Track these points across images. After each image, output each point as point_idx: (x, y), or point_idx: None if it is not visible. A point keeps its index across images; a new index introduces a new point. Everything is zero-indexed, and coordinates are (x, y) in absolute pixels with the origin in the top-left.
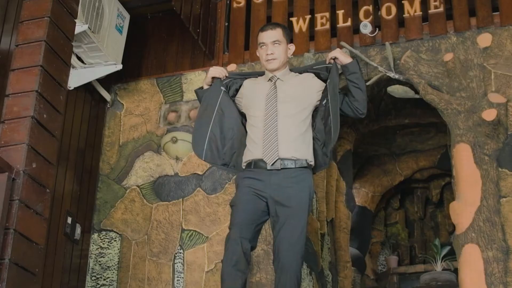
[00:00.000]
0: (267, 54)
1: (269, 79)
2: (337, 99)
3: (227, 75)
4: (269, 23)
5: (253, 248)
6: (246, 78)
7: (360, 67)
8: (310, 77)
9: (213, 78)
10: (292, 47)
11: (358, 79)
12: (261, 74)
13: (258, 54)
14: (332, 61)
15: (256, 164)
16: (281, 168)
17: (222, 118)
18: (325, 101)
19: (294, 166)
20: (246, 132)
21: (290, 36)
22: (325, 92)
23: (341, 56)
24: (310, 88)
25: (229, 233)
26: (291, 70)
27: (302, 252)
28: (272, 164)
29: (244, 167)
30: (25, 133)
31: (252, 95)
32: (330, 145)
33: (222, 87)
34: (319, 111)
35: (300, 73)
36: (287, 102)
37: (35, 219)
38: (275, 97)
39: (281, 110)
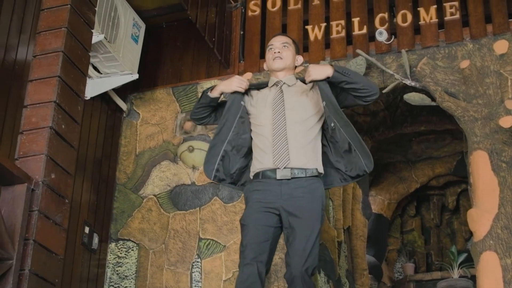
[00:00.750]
0: (275, 53)
1: (275, 84)
2: (348, 124)
3: (247, 86)
4: None
5: (267, 271)
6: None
7: (342, 71)
8: (316, 84)
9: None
10: (300, 59)
11: (349, 83)
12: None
13: (265, 68)
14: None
15: (264, 175)
16: (291, 178)
17: (237, 136)
18: (332, 124)
19: (304, 176)
20: None
21: (299, 50)
22: (326, 112)
23: (316, 76)
24: (317, 95)
25: (243, 256)
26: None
27: (316, 263)
28: (282, 170)
29: (251, 178)
30: (44, 143)
31: (257, 103)
32: (362, 172)
33: (242, 102)
34: (328, 131)
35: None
36: (294, 108)
37: (54, 229)
38: (282, 103)
39: (289, 116)
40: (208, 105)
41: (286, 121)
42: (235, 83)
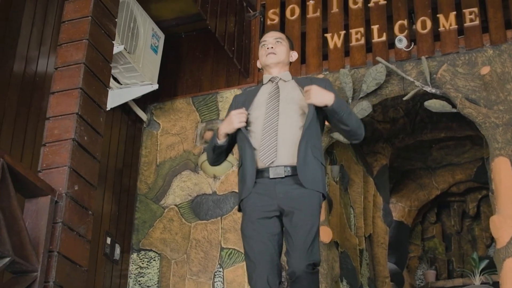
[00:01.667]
0: (268, 48)
1: (270, 80)
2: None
3: (246, 115)
4: None
5: (280, 282)
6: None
7: (340, 109)
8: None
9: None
10: (294, 55)
11: (339, 122)
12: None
13: (258, 66)
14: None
15: (257, 174)
16: (285, 176)
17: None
18: None
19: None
20: None
21: (293, 46)
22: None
23: (316, 101)
24: None
25: (253, 273)
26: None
27: (318, 259)
28: (275, 169)
29: None
30: (67, 155)
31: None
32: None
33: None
34: None
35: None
36: (289, 103)
37: (78, 241)
38: (277, 98)
39: (282, 112)
40: (224, 150)
41: (279, 116)
42: (235, 122)
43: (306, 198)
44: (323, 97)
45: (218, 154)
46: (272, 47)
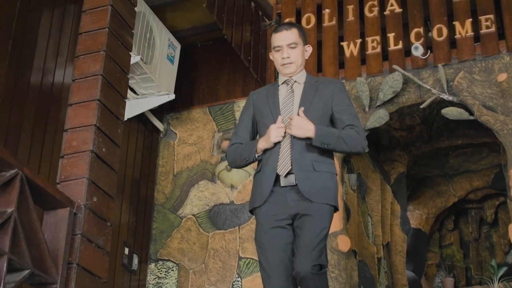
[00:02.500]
0: (283, 58)
1: (285, 82)
2: None
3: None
4: (284, 23)
5: None
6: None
7: (322, 142)
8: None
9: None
10: (309, 49)
11: (329, 149)
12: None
13: (271, 58)
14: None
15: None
16: (296, 184)
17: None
18: None
19: None
20: None
21: (306, 37)
22: None
23: (296, 134)
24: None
25: (268, 285)
26: None
27: (324, 261)
28: (287, 177)
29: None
30: (85, 167)
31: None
32: None
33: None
34: None
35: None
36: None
37: (97, 253)
38: (291, 102)
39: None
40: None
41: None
42: (273, 137)
43: (317, 205)
44: (304, 131)
45: (247, 164)
46: (288, 57)
